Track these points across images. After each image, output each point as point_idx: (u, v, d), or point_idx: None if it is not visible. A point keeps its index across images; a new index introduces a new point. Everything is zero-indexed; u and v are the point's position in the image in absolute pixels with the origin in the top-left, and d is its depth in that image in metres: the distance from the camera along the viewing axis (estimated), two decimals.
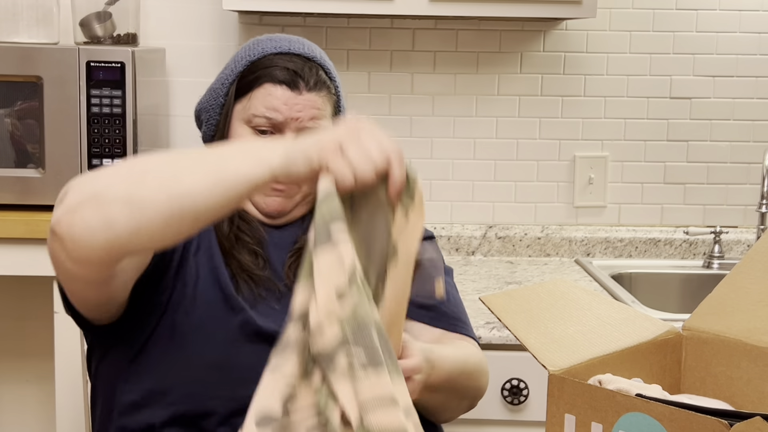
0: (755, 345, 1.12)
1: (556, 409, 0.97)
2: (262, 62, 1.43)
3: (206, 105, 1.50)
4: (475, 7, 2.21)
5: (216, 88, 1.48)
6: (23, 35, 2.14)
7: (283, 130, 1.40)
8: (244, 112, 1.42)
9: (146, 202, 1.05)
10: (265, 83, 1.41)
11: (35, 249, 2.03)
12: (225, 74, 1.48)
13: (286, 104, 1.39)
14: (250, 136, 1.40)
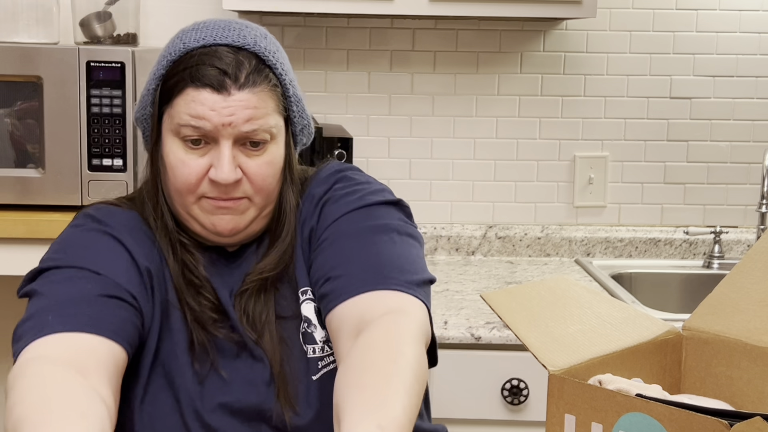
0: (755, 345, 1.12)
1: (556, 409, 0.97)
2: (183, 61, 1.22)
3: (138, 114, 1.30)
4: (475, 7, 2.21)
5: (144, 95, 1.27)
6: (23, 35, 2.13)
7: (217, 138, 1.20)
8: (171, 122, 1.22)
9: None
10: (187, 88, 1.20)
11: (35, 249, 2.03)
12: (149, 80, 1.27)
13: (213, 109, 1.18)
14: (180, 152, 1.22)
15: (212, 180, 1.21)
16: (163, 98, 1.23)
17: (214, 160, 1.21)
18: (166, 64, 1.23)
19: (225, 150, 1.20)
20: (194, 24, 1.31)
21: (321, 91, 2.48)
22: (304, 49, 2.47)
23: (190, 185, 1.22)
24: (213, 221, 1.24)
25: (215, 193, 1.22)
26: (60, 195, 2.06)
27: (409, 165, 2.51)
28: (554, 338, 1.10)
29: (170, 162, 1.22)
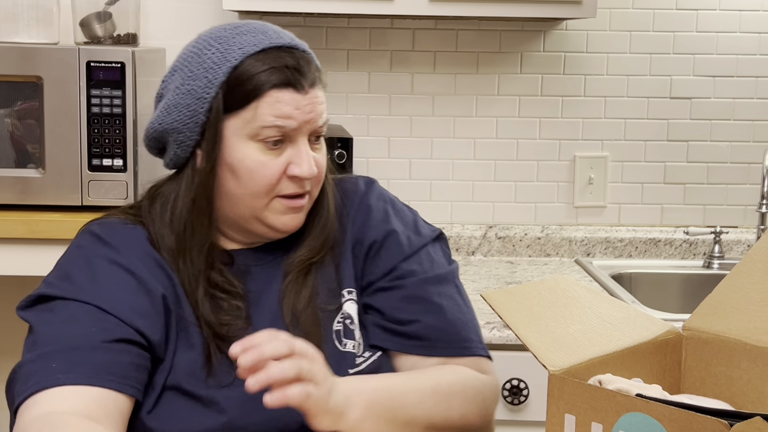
0: (755, 345, 1.12)
1: (556, 410, 0.97)
2: (250, 64, 1.21)
3: (177, 125, 1.24)
4: (475, 7, 2.21)
5: (187, 104, 1.23)
6: (23, 35, 2.14)
7: (294, 135, 1.22)
8: (247, 127, 1.21)
9: None
10: (269, 90, 1.20)
11: (35, 249, 2.03)
12: (196, 87, 1.23)
13: (297, 108, 1.21)
14: (258, 154, 1.22)
15: (292, 176, 1.23)
16: (233, 105, 1.22)
17: (292, 158, 1.23)
18: (226, 70, 1.21)
19: (304, 146, 1.23)
20: (225, 28, 1.27)
21: None
22: None
23: (270, 186, 1.23)
24: (284, 221, 1.26)
25: (292, 190, 1.24)
26: (60, 195, 2.06)
27: (409, 165, 2.51)
28: (554, 338, 1.10)
29: (248, 166, 1.22)
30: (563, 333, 1.12)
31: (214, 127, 1.22)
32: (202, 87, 1.22)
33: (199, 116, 1.23)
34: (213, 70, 1.22)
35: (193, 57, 1.24)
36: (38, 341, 1.18)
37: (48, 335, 1.18)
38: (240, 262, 1.29)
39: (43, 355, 1.16)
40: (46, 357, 1.16)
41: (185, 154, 1.26)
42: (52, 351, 1.16)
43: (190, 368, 1.22)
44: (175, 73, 1.26)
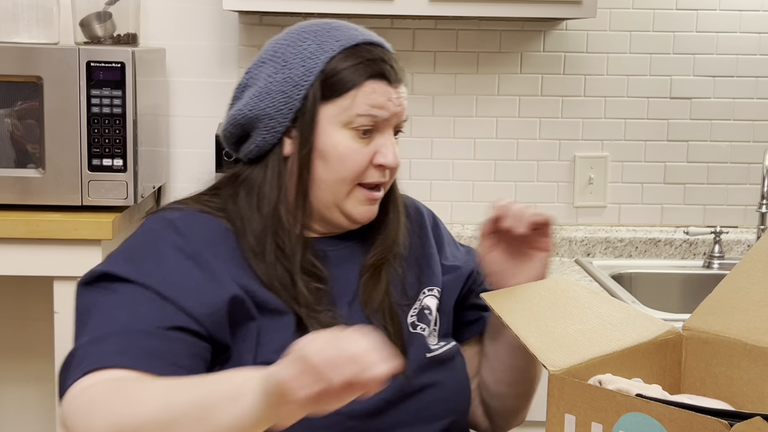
0: (755, 345, 1.12)
1: (556, 409, 0.97)
2: (348, 56, 1.27)
3: (269, 111, 1.28)
4: (475, 7, 2.21)
5: (282, 90, 1.28)
6: (23, 35, 2.13)
7: (382, 127, 1.28)
8: (343, 114, 1.26)
9: None
10: (367, 80, 1.26)
11: (35, 249, 2.03)
12: (292, 74, 1.27)
13: (390, 100, 1.27)
14: (350, 141, 1.27)
15: (379, 165, 1.28)
16: (329, 93, 1.27)
17: (379, 147, 1.28)
18: (325, 59, 1.27)
19: (391, 137, 1.30)
20: (321, 25, 1.35)
21: None
22: None
23: (358, 172, 1.28)
24: (361, 211, 1.30)
25: (376, 178, 1.29)
26: (60, 195, 2.06)
27: (409, 165, 2.51)
28: (554, 338, 1.11)
29: (340, 152, 1.27)
30: (563, 333, 1.12)
31: (311, 113, 1.27)
32: (299, 75, 1.27)
33: (293, 102, 1.27)
34: (311, 60, 1.27)
35: (287, 48, 1.30)
36: (95, 323, 1.17)
37: (105, 317, 1.17)
38: (318, 249, 1.32)
39: (97, 338, 1.15)
40: (100, 339, 1.14)
41: (273, 140, 1.29)
42: (108, 333, 1.15)
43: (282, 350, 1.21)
44: (265, 64, 1.30)
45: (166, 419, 1.00)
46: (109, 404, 1.04)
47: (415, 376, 1.28)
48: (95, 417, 1.04)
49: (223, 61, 2.48)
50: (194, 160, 2.50)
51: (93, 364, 1.11)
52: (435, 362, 1.32)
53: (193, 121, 2.49)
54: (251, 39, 2.46)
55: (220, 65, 2.48)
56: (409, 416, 1.26)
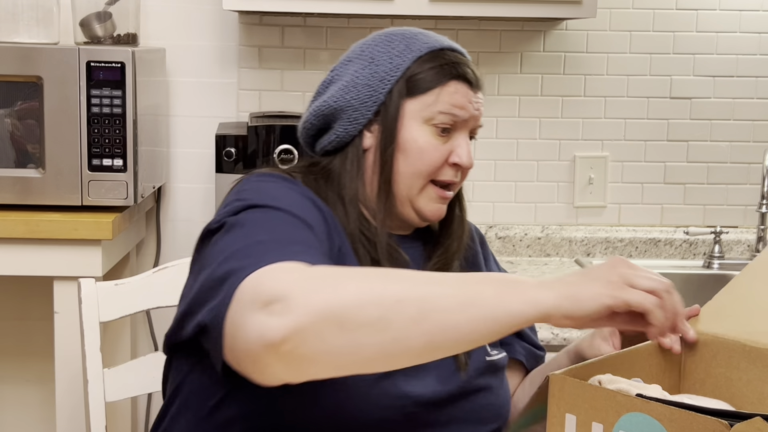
0: (754, 346, 1.12)
1: (557, 409, 0.97)
2: (436, 58, 1.33)
3: (353, 103, 1.34)
4: (475, 7, 2.21)
5: (368, 84, 1.33)
6: (23, 35, 2.13)
7: (459, 128, 1.33)
8: (425, 110, 1.32)
9: (400, 335, 0.95)
10: (452, 80, 1.32)
11: (35, 249, 2.03)
12: (380, 70, 1.33)
13: (470, 102, 1.33)
14: (429, 136, 1.32)
15: (454, 164, 1.33)
16: (414, 89, 1.32)
17: (455, 147, 1.33)
18: (412, 58, 1.32)
19: (466, 139, 1.35)
20: (407, 29, 1.38)
21: None
22: (304, 49, 2.47)
23: (435, 167, 1.32)
24: (432, 209, 1.34)
25: (449, 177, 1.34)
26: (60, 195, 2.06)
27: None
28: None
29: (419, 146, 1.31)
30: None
31: (395, 107, 1.32)
32: (385, 71, 1.33)
33: (378, 96, 1.32)
34: (399, 57, 1.33)
35: (375, 47, 1.35)
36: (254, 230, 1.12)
37: (277, 227, 1.14)
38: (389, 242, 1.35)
39: (281, 240, 1.10)
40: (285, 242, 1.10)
41: (354, 131, 1.34)
42: (291, 240, 1.11)
43: None
44: (351, 62, 1.36)
45: (428, 296, 0.97)
46: (358, 275, 1.00)
47: (474, 378, 1.30)
48: (343, 281, 0.98)
49: (223, 61, 2.48)
50: (194, 160, 2.50)
51: (283, 258, 1.03)
52: (491, 367, 1.34)
53: (193, 121, 2.49)
54: (251, 39, 2.46)
55: (220, 65, 2.48)
56: (463, 414, 1.28)
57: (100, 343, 1.62)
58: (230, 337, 1.00)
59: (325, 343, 0.94)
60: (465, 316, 0.97)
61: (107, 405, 1.62)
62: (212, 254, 1.12)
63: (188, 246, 2.60)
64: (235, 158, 2.17)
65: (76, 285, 1.62)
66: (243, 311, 0.97)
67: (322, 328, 0.93)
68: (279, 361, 0.95)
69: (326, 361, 0.95)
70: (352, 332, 0.94)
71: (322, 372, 0.98)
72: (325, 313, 0.94)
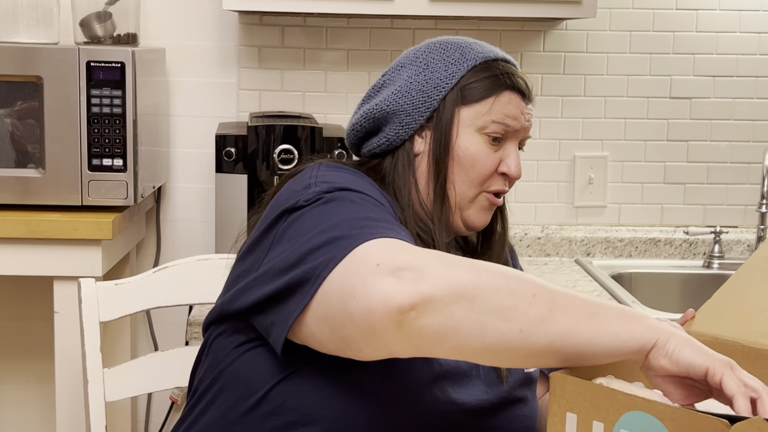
0: (752, 347, 1.12)
1: (558, 408, 0.97)
2: (491, 68, 1.34)
3: (407, 108, 1.34)
4: (475, 7, 2.21)
5: (422, 90, 1.34)
6: (23, 35, 2.14)
7: (510, 138, 1.34)
8: (479, 119, 1.32)
9: (527, 328, 0.96)
10: (506, 90, 1.33)
11: (35, 249, 2.03)
12: (435, 77, 1.33)
13: (522, 114, 1.34)
14: (481, 145, 1.32)
15: (503, 173, 1.34)
16: (469, 97, 1.33)
17: (505, 157, 1.34)
18: (468, 66, 1.33)
19: (515, 149, 1.35)
20: (462, 38, 1.39)
21: (321, 91, 2.48)
22: (304, 49, 2.47)
23: (486, 176, 1.33)
24: (481, 217, 1.35)
25: (499, 186, 1.34)
26: (60, 195, 2.06)
27: None
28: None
29: (472, 153, 1.32)
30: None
31: (449, 114, 1.32)
32: (441, 78, 1.33)
33: (432, 102, 1.33)
34: (454, 65, 1.33)
35: (429, 54, 1.36)
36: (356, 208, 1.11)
37: (362, 208, 1.13)
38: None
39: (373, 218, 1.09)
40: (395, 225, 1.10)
41: (406, 136, 1.34)
42: (379, 219, 1.10)
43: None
44: (404, 68, 1.36)
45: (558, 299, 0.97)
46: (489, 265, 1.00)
47: (513, 389, 1.31)
48: (478, 265, 0.98)
49: (223, 61, 2.48)
50: (194, 160, 2.50)
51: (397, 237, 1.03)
52: (528, 379, 1.35)
53: (193, 121, 2.49)
54: (251, 39, 2.46)
55: (220, 65, 2.48)
56: (502, 424, 1.29)
57: (100, 343, 1.62)
58: (336, 299, 0.98)
59: (452, 319, 0.93)
60: (589, 326, 0.97)
61: (107, 405, 1.62)
62: (305, 225, 1.10)
63: (188, 246, 2.61)
64: (235, 158, 2.17)
65: (76, 285, 1.62)
66: (365, 273, 0.96)
67: (453, 302, 0.93)
68: (398, 328, 0.93)
69: (445, 338, 0.94)
70: (481, 314, 0.94)
71: (435, 350, 0.97)
72: (461, 289, 0.93)
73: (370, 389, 1.14)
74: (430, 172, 1.33)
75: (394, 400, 1.16)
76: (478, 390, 1.25)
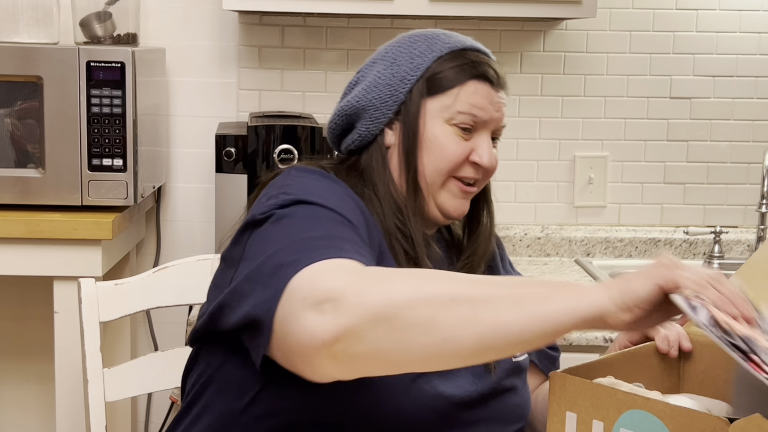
0: None
1: (558, 407, 0.97)
2: (456, 57, 1.34)
3: (375, 102, 1.35)
4: (475, 7, 2.21)
5: (389, 84, 1.34)
6: (23, 35, 2.14)
7: (480, 128, 1.34)
8: (445, 110, 1.32)
9: (451, 335, 0.95)
10: (471, 80, 1.33)
11: (35, 249, 2.03)
12: (400, 70, 1.34)
13: (491, 103, 1.33)
14: (450, 134, 1.32)
15: (474, 163, 1.33)
16: (434, 88, 1.33)
17: (476, 147, 1.33)
18: (432, 58, 1.33)
19: (487, 139, 1.35)
20: (430, 31, 1.39)
21: (321, 91, 2.48)
22: (304, 49, 2.47)
23: (456, 163, 1.32)
24: (454, 204, 1.35)
25: (470, 174, 1.34)
26: (60, 195, 2.06)
27: None
28: None
29: (440, 142, 1.32)
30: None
31: (416, 106, 1.33)
32: (406, 71, 1.34)
33: (398, 95, 1.34)
34: (420, 57, 1.34)
35: (398, 48, 1.37)
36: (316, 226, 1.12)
37: (310, 225, 1.13)
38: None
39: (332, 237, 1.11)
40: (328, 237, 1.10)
41: (376, 130, 1.35)
42: (341, 238, 1.11)
43: None
44: (375, 64, 1.37)
45: (478, 295, 0.96)
46: (408, 275, 1.00)
47: (502, 379, 1.31)
48: (393, 282, 0.98)
49: (223, 61, 2.48)
50: (194, 160, 2.50)
51: (336, 255, 1.04)
52: (517, 368, 1.36)
53: (193, 121, 2.49)
54: (251, 39, 2.46)
55: (220, 65, 2.48)
56: (492, 414, 1.30)
57: (100, 343, 1.62)
58: (281, 333, 1.00)
59: (375, 343, 0.95)
60: (516, 316, 0.96)
61: (107, 405, 1.62)
62: (259, 246, 1.12)
63: (188, 246, 2.61)
64: (235, 158, 2.17)
65: (76, 285, 1.62)
66: (295, 308, 0.98)
67: (373, 327, 0.94)
68: (330, 359, 0.96)
69: (377, 361, 0.97)
70: (402, 332, 0.94)
71: (373, 370, 0.99)
72: (376, 314, 0.94)
73: (352, 391, 1.15)
74: (401, 163, 1.34)
75: (380, 398, 1.17)
76: (466, 381, 1.26)
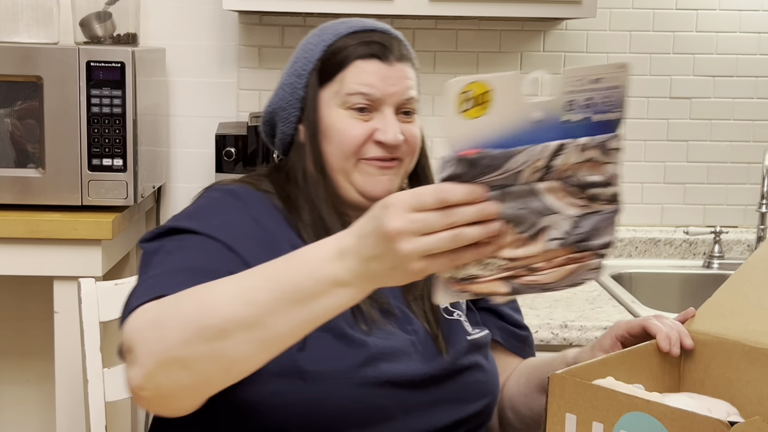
0: (753, 346, 1.12)
1: (557, 409, 0.97)
2: (342, 42, 1.34)
3: (281, 104, 1.39)
4: (475, 7, 2.21)
5: (289, 83, 1.37)
6: (23, 35, 2.13)
7: (380, 105, 1.32)
8: (337, 97, 1.33)
9: (237, 356, 0.98)
10: (355, 60, 1.32)
11: (35, 249, 2.03)
12: (297, 66, 1.37)
13: (381, 78, 1.32)
14: (347, 118, 1.32)
15: (378, 142, 1.32)
16: (325, 77, 1.34)
17: (379, 125, 1.32)
18: (322, 48, 1.34)
19: (389, 115, 1.33)
20: (330, 22, 1.40)
21: None
22: None
23: (356, 146, 1.31)
24: (371, 182, 1.33)
25: (377, 153, 1.32)
26: (60, 195, 2.06)
27: None
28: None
29: (338, 128, 1.32)
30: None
31: (312, 98, 1.34)
32: (301, 66, 1.36)
33: (297, 92, 1.36)
34: (311, 51, 1.36)
35: (299, 46, 1.39)
36: (164, 261, 1.18)
37: (175, 257, 1.19)
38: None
39: (169, 271, 1.16)
40: (172, 272, 1.15)
41: (290, 130, 1.38)
42: (179, 269, 1.16)
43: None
44: (287, 66, 1.40)
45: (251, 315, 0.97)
46: (178, 313, 1.02)
47: (458, 358, 1.32)
48: (167, 328, 1.01)
49: (223, 61, 2.48)
50: (194, 160, 2.50)
51: (162, 291, 1.09)
52: (474, 346, 1.35)
53: (193, 121, 2.49)
54: (251, 39, 2.46)
55: (220, 65, 2.48)
56: (450, 394, 1.30)
57: (100, 343, 1.62)
58: None
59: (176, 382, 1.00)
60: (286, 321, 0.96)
61: (107, 405, 1.62)
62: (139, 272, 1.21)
63: None
64: (235, 158, 2.17)
65: (76, 285, 1.62)
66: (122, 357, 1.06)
67: (165, 373, 1.00)
68: (151, 402, 1.04)
69: (189, 394, 1.03)
70: (193, 368, 0.99)
71: (193, 400, 1.04)
72: (164, 360, 0.99)
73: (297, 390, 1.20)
74: (311, 155, 1.35)
75: (327, 392, 1.20)
76: (417, 363, 1.27)
